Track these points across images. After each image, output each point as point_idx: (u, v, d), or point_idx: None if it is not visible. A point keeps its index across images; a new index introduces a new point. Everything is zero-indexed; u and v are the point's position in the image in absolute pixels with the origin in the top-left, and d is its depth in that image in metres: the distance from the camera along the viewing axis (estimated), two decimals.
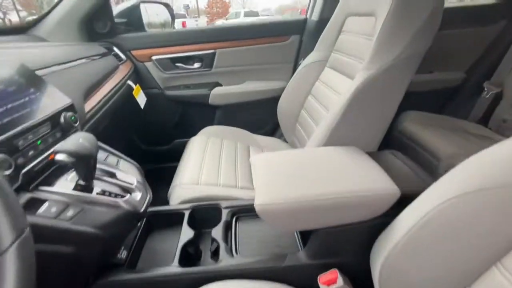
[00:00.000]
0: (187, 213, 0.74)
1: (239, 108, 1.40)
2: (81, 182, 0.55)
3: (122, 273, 0.59)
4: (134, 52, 1.26)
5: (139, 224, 0.72)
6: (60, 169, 0.55)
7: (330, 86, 0.97)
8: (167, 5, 1.43)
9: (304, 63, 1.12)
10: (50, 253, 0.48)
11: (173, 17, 1.44)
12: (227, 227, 0.71)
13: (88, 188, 0.55)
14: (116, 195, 0.57)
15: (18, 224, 0.30)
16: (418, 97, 1.22)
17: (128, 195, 0.59)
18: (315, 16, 1.30)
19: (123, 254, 0.64)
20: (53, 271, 0.49)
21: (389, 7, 0.68)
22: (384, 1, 0.71)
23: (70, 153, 0.49)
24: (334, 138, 0.75)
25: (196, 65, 1.34)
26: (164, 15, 1.44)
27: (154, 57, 1.28)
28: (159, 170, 1.48)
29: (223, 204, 0.76)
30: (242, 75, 1.40)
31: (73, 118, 0.62)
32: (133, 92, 1.12)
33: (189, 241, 0.67)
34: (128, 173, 0.66)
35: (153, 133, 1.43)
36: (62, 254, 0.49)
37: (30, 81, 0.59)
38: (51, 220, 0.47)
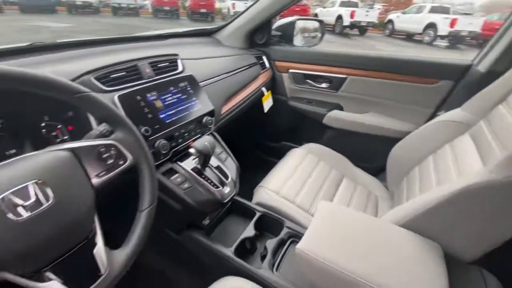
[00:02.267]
0: (258, 215, 0.91)
1: (351, 136, 1.39)
2: (198, 166, 0.82)
3: (201, 234, 0.85)
4: (277, 63, 1.48)
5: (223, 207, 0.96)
6: (189, 154, 0.84)
7: (458, 158, 0.82)
8: (321, 22, 1.53)
9: (443, 117, 0.97)
10: (167, 202, 0.77)
11: (323, 33, 1.55)
12: (280, 245, 0.84)
13: (200, 172, 0.82)
14: (214, 184, 0.81)
15: (154, 197, 0.55)
16: None
17: (221, 188, 0.82)
18: (483, 66, 1.06)
19: (206, 221, 0.90)
20: (165, 213, 0.79)
21: None
22: None
23: (197, 149, 0.74)
24: (425, 222, 0.64)
25: (324, 85, 1.41)
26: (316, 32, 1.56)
27: (291, 70, 1.45)
28: (261, 159, 1.75)
29: (287, 223, 0.88)
30: (368, 105, 1.36)
31: (210, 121, 0.90)
32: (263, 97, 1.36)
33: (248, 238, 0.84)
34: (229, 169, 0.89)
35: (268, 129, 1.67)
36: (173, 207, 0.78)
37: (195, 90, 0.89)
38: (175, 186, 0.75)
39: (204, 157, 0.78)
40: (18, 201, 0.36)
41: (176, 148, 0.79)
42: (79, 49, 0.84)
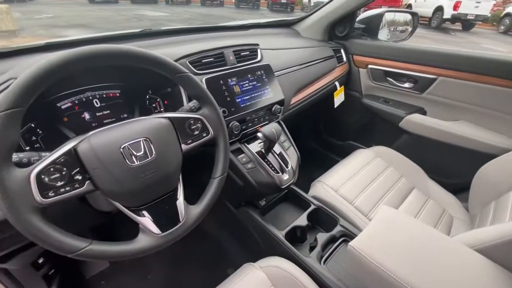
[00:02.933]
0: (312, 207, 0.92)
1: (430, 144, 1.24)
2: (262, 151, 0.88)
3: (257, 213, 0.91)
4: (355, 57, 1.40)
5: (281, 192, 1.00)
6: (256, 138, 0.89)
7: None
8: (414, 14, 1.38)
9: None
10: (231, 177, 0.85)
11: (414, 27, 1.39)
12: (331, 241, 0.83)
13: (263, 156, 0.87)
14: (275, 169, 0.86)
15: (225, 167, 0.62)
16: None
17: (280, 174, 0.85)
18: None
19: (262, 202, 0.95)
20: (227, 187, 0.86)
21: None
22: None
23: (264, 135, 0.79)
24: (501, 253, 0.56)
25: (407, 84, 1.28)
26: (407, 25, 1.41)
27: (370, 66, 1.36)
28: (321, 154, 1.71)
29: (341, 221, 0.87)
30: (458, 112, 1.18)
31: (279, 110, 0.93)
32: (335, 92, 1.32)
33: (300, 227, 0.87)
34: (290, 158, 0.92)
35: (335, 126, 1.62)
36: (236, 182, 0.85)
37: (269, 79, 0.93)
38: (240, 164, 0.82)
39: (269, 142, 0.82)
40: (133, 151, 0.46)
41: (245, 131, 0.86)
42: (177, 36, 0.98)
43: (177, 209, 0.52)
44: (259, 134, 0.80)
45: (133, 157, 0.46)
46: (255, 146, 0.88)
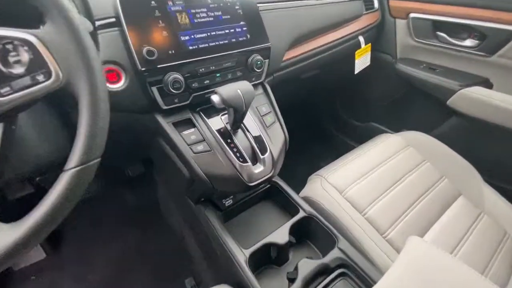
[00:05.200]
0: (300, 215, 0.62)
1: (495, 135, 0.86)
2: (228, 128, 0.56)
3: (216, 216, 0.62)
4: (392, 3, 0.99)
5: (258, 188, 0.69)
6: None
7: None
8: None
9: None
10: (173, 163, 0.56)
11: None
12: (322, 272, 0.54)
13: (228, 136, 0.56)
14: (241, 156, 0.55)
15: (91, 151, 0.31)
16: None
17: (249, 164, 0.54)
18: None
19: (228, 201, 0.65)
20: (173, 177, 0.57)
21: None
22: None
23: (222, 99, 0.47)
24: None
25: (469, 42, 0.87)
26: None
27: (412, 15, 0.95)
28: (332, 137, 1.35)
29: (341, 243, 0.57)
30: None
31: (259, 63, 0.60)
32: (357, 51, 0.94)
33: (276, 245, 0.57)
34: (271, 141, 0.60)
35: (353, 100, 1.24)
36: (179, 171, 0.56)
37: (247, 13, 0.59)
38: (183, 145, 0.53)
39: (234, 112, 0.50)
40: None
41: (198, 93, 0.54)
42: None
43: None
44: (213, 97, 0.48)
45: None
46: (218, 121, 0.56)
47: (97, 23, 0.45)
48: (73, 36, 0.29)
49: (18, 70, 0.27)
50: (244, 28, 0.58)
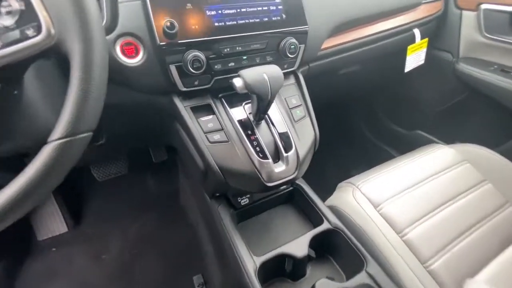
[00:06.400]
0: (324, 227, 0.53)
1: None
2: (251, 118, 0.50)
3: (229, 215, 0.57)
4: None
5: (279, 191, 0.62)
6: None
7: None
8: None
9: None
10: (189, 152, 0.52)
11: None
12: None
13: (250, 128, 0.50)
14: (261, 152, 0.48)
15: (79, 122, 0.27)
16: None
17: (270, 160, 0.48)
18: None
19: (244, 200, 0.59)
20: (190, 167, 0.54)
21: None
22: None
23: (245, 83, 0.41)
24: None
25: None
26: None
27: (484, 6, 0.79)
28: (368, 143, 1.23)
29: (371, 266, 0.48)
30: None
31: (293, 47, 0.52)
32: (409, 46, 0.81)
33: (292, 257, 0.49)
34: (299, 138, 0.53)
35: (400, 104, 1.09)
36: (194, 162, 0.52)
37: None
38: (198, 132, 0.49)
39: (258, 101, 0.44)
40: None
41: (220, 76, 0.48)
42: None
43: None
44: (235, 80, 0.42)
45: None
46: (241, 111, 0.51)
47: None
48: None
49: (8, 21, 0.24)
50: (280, 7, 0.51)
